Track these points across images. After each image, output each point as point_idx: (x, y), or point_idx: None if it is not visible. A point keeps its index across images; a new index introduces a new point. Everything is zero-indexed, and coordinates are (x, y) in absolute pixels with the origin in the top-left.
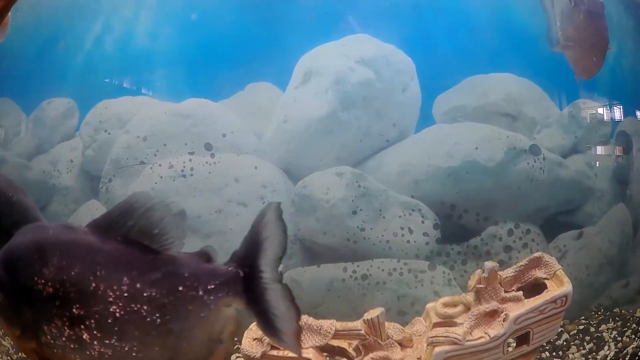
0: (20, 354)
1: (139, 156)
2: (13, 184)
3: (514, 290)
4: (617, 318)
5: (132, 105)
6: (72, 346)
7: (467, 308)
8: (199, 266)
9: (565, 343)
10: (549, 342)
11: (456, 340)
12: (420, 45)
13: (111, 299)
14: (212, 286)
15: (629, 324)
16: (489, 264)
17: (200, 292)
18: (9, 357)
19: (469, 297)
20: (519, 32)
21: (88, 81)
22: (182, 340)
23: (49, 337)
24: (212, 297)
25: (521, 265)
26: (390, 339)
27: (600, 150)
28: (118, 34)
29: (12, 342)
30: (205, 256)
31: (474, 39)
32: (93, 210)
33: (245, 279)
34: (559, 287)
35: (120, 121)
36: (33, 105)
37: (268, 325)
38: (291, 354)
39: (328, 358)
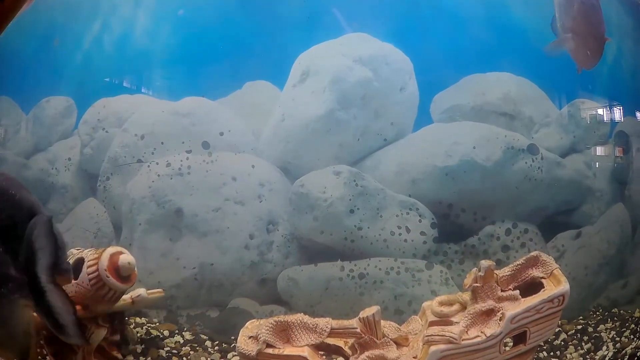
0: None
1: (137, 154)
2: (15, 182)
3: (510, 289)
4: (615, 318)
5: (130, 103)
6: None
7: (464, 307)
8: (3, 268)
9: (563, 343)
10: (546, 342)
11: (452, 339)
12: (418, 44)
13: None
14: (10, 288)
15: (627, 324)
16: (485, 263)
17: (5, 291)
18: None
19: (465, 296)
20: (517, 31)
21: (86, 79)
22: (8, 327)
23: None
24: (12, 297)
25: (518, 265)
26: (386, 338)
27: (598, 150)
28: (116, 33)
29: None
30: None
31: (472, 38)
32: (91, 208)
33: (28, 284)
34: (556, 286)
35: (119, 120)
36: (32, 104)
37: (54, 322)
38: (287, 352)
39: (324, 356)
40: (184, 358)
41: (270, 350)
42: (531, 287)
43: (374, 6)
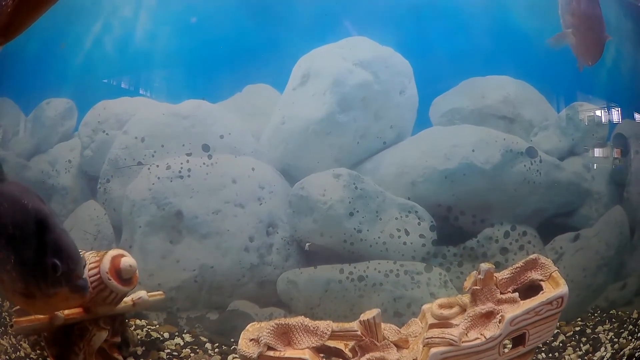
0: (18, 353)
1: (137, 157)
2: (29, 191)
3: (509, 291)
4: (613, 319)
5: (130, 106)
6: None
7: (463, 309)
8: None
9: (561, 344)
10: (545, 344)
11: (452, 341)
12: (418, 47)
13: None
14: None
15: (625, 326)
16: (484, 266)
17: None
18: (7, 357)
19: (465, 298)
20: (516, 35)
21: (87, 82)
22: None
23: None
24: None
25: (517, 267)
26: (386, 340)
27: (597, 152)
28: (117, 35)
29: (10, 341)
30: None
31: (472, 42)
32: (91, 210)
33: None
34: (555, 288)
35: (119, 122)
36: (32, 105)
37: None
38: (288, 355)
39: (324, 359)
40: None
41: (271, 353)
42: (530, 290)
43: (374, 10)
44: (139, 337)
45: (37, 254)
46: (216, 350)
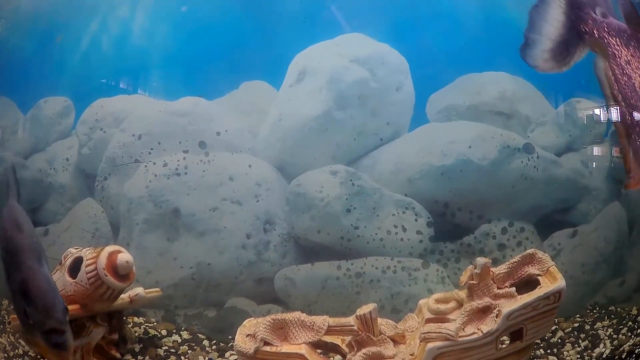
0: (16, 351)
1: (134, 154)
2: (17, 221)
3: (506, 286)
4: (612, 316)
5: (127, 103)
6: None
7: (460, 304)
8: None
9: (560, 341)
10: (543, 340)
11: (449, 336)
12: (415, 44)
13: None
14: None
15: (624, 322)
16: (481, 260)
17: None
18: (5, 354)
19: (462, 293)
20: (512, 30)
21: (84, 80)
22: None
23: None
24: None
25: (514, 262)
26: (383, 335)
27: (595, 148)
28: (114, 33)
29: (8, 339)
30: None
31: (468, 38)
32: (89, 208)
33: None
34: (552, 283)
35: (116, 120)
36: (30, 104)
37: None
38: (284, 350)
39: (321, 354)
40: (182, 357)
41: (267, 348)
42: (527, 285)
43: (371, 6)
44: (136, 334)
45: (14, 294)
46: (214, 347)
